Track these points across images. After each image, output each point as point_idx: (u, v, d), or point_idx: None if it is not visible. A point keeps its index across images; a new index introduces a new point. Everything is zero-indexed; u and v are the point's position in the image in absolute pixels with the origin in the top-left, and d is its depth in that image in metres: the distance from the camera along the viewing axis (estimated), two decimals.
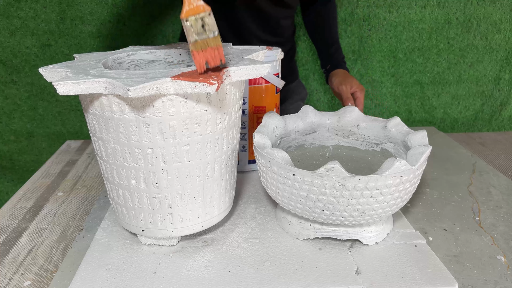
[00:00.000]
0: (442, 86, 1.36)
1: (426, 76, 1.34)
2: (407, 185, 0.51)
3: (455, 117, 1.40)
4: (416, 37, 1.29)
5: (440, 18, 1.27)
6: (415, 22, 1.27)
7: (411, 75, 1.34)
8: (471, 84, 1.36)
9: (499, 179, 0.80)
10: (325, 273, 0.51)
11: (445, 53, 1.32)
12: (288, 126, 0.66)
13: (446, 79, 1.35)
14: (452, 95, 1.37)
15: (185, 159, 0.50)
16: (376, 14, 1.25)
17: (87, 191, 0.76)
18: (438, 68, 1.33)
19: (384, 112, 1.36)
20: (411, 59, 1.32)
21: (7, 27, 1.18)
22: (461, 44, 1.31)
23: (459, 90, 1.37)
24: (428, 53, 1.31)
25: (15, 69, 1.23)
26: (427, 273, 0.51)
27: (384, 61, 1.32)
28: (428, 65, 1.33)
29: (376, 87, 1.34)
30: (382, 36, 1.28)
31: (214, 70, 0.46)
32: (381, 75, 1.33)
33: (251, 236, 0.59)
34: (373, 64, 1.31)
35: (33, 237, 0.62)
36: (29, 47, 1.22)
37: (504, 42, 1.31)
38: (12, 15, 1.17)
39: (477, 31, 1.29)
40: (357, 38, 1.28)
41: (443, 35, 1.29)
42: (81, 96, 0.50)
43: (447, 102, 1.38)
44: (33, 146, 1.35)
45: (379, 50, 1.30)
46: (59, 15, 1.19)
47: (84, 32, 1.22)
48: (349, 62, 1.31)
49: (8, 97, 1.27)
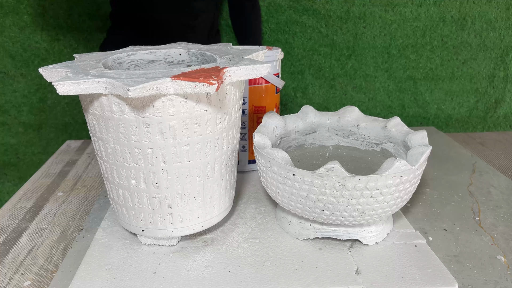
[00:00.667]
0: (435, 82, 1.37)
1: (419, 72, 1.36)
2: (407, 185, 0.51)
3: (449, 113, 1.41)
4: (410, 34, 1.30)
5: (435, 16, 1.28)
6: (410, 20, 1.28)
7: (404, 71, 1.35)
8: (465, 81, 1.37)
9: (499, 179, 0.80)
10: (325, 273, 0.51)
11: (438, 50, 1.33)
12: (288, 126, 0.66)
13: (439, 75, 1.37)
14: (445, 91, 1.38)
15: (185, 159, 0.50)
16: (372, 12, 1.26)
17: (87, 191, 0.76)
18: (431, 65, 1.35)
19: (377, 106, 1.37)
20: (405, 55, 1.33)
21: (17, 23, 1.23)
22: (455, 41, 1.32)
23: (453, 86, 1.38)
24: (422, 50, 1.33)
25: (25, 63, 1.27)
26: (427, 273, 0.51)
27: (378, 57, 1.33)
28: (421, 61, 1.34)
29: (369, 81, 1.35)
30: (376, 33, 1.29)
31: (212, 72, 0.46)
32: (374, 70, 1.34)
33: (251, 236, 0.59)
34: (367, 60, 1.33)
35: (33, 237, 0.62)
36: (38, 41, 1.24)
37: (499, 40, 1.32)
38: (22, 11, 1.20)
39: (472, 29, 1.30)
40: (352, 35, 1.30)
41: (437, 33, 1.31)
42: (81, 96, 0.50)
43: (441, 98, 1.39)
44: (41, 138, 1.37)
45: (373, 47, 1.31)
46: (67, 11, 1.22)
47: (92, 26, 1.25)
48: (343, 57, 1.33)
49: (17, 90, 1.29)
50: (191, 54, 0.62)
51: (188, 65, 0.62)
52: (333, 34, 1.29)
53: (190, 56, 0.62)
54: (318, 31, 1.29)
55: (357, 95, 1.36)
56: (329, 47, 1.31)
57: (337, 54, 1.32)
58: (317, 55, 1.32)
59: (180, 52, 0.62)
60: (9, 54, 1.25)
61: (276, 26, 1.26)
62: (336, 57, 1.32)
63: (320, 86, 1.36)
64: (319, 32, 1.30)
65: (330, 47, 1.31)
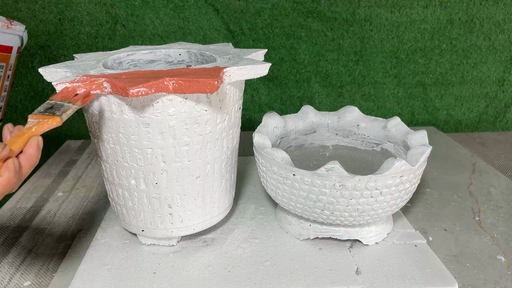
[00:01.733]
0: (445, 88, 1.36)
1: (429, 77, 1.34)
2: (407, 185, 0.51)
3: (458, 119, 1.40)
4: (419, 37, 1.29)
5: (443, 18, 1.27)
6: (417, 22, 1.27)
7: (413, 76, 1.33)
8: (475, 86, 1.36)
9: (499, 179, 0.80)
10: (325, 273, 0.51)
11: (447, 54, 1.31)
12: (288, 126, 0.66)
13: (449, 80, 1.35)
14: (455, 97, 1.37)
15: (185, 159, 0.50)
16: (378, 14, 1.25)
17: (87, 191, 0.76)
18: (440, 69, 1.33)
19: (386, 114, 1.36)
20: (414, 60, 1.31)
21: None
22: (464, 44, 1.30)
23: (463, 91, 1.36)
24: (431, 54, 1.31)
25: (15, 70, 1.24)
26: (427, 273, 0.51)
27: (386, 62, 1.31)
28: (431, 66, 1.33)
29: (378, 88, 1.34)
30: (384, 37, 1.28)
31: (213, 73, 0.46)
32: (383, 77, 1.33)
33: (251, 236, 0.59)
34: (375, 65, 1.31)
35: (33, 237, 0.62)
36: (27, 48, 1.22)
37: (508, 43, 1.31)
38: (11, 16, 1.18)
39: (480, 31, 1.29)
40: (358, 39, 1.28)
41: (446, 36, 1.29)
42: None
43: (450, 104, 1.38)
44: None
45: (381, 51, 1.30)
46: (57, 16, 1.20)
47: (83, 33, 1.22)
48: (351, 63, 1.31)
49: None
50: (191, 54, 0.62)
51: (188, 65, 0.62)
52: (339, 38, 1.28)
53: (190, 56, 0.62)
54: (324, 34, 1.27)
55: (366, 103, 1.35)
56: (336, 52, 1.29)
57: (344, 60, 1.30)
58: (323, 61, 1.30)
59: (180, 52, 0.62)
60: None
61: (280, 30, 1.24)
62: (343, 63, 1.30)
63: (328, 95, 1.35)
64: (325, 36, 1.28)
65: (336, 52, 1.29)
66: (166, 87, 0.44)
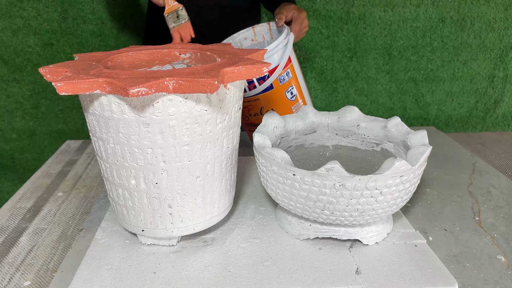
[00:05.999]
0: (436, 83, 1.38)
1: (420, 73, 1.36)
2: (407, 185, 0.51)
3: (449, 114, 1.42)
4: (411, 35, 1.31)
5: (434, 17, 1.29)
6: (409, 21, 1.29)
7: (405, 72, 1.36)
8: (465, 82, 1.38)
9: (499, 179, 0.80)
10: (325, 273, 0.51)
11: (439, 51, 1.34)
12: (288, 126, 0.66)
13: (440, 77, 1.38)
14: (446, 92, 1.39)
15: (185, 159, 0.50)
16: (371, 13, 1.27)
17: (87, 191, 0.76)
18: (432, 66, 1.36)
19: (379, 109, 1.38)
20: (406, 57, 1.34)
21: (9, 27, 1.20)
22: (455, 42, 1.33)
23: (453, 87, 1.39)
24: (422, 51, 1.34)
25: (18, 68, 1.25)
26: (427, 273, 0.51)
27: (379, 58, 1.34)
28: (422, 62, 1.35)
29: (371, 84, 1.36)
30: (377, 34, 1.30)
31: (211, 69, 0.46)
32: (376, 72, 1.35)
33: (251, 236, 0.59)
34: (368, 62, 1.33)
35: (33, 237, 0.62)
36: (31, 46, 1.23)
37: (498, 41, 1.33)
38: (15, 14, 1.19)
39: (471, 29, 1.31)
40: (352, 36, 1.30)
41: (437, 34, 1.31)
42: (81, 96, 0.50)
43: (441, 99, 1.40)
44: (34, 145, 1.36)
45: (374, 48, 1.32)
46: (61, 15, 1.20)
47: (86, 31, 1.23)
48: (344, 59, 1.33)
49: (10, 95, 1.28)
50: (191, 54, 0.62)
51: (188, 65, 0.62)
52: (334, 35, 1.30)
53: (190, 56, 0.62)
54: (319, 32, 1.30)
55: (359, 98, 1.37)
56: (331, 49, 1.31)
57: (338, 56, 1.33)
58: (319, 57, 1.32)
59: (180, 52, 0.62)
60: (2, 59, 1.23)
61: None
62: (338, 59, 1.33)
63: (323, 90, 1.37)
64: (320, 34, 1.30)
65: (331, 49, 1.32)
66: (166, 87, 0.44)
